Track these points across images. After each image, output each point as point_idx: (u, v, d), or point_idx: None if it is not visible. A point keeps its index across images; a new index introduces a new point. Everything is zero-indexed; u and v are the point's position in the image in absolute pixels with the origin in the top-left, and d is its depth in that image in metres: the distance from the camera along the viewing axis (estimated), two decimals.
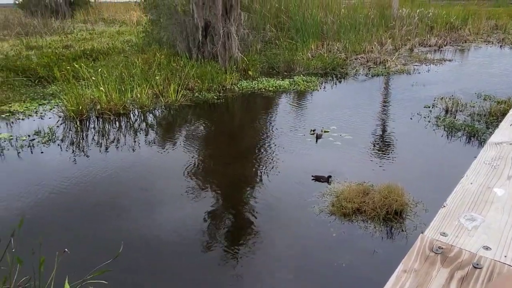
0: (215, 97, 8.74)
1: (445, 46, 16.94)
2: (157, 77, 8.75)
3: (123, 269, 3.19)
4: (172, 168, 5.23)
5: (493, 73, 10.89)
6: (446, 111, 7.38)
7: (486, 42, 18.29)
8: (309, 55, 13.09)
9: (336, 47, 14.70)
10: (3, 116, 7.53)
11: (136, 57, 11.02)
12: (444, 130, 6.40)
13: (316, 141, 5.90)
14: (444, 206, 0.94)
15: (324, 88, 9.58)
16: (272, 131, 6.61)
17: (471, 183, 1.03)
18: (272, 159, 5.42)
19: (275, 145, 5.93)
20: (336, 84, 10.29)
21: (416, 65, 12.26)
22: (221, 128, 7.15)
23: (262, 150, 5.80)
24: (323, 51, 14.29)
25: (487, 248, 0.77)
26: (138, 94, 8.14)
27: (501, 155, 1.16)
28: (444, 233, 0.79)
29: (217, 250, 3.52)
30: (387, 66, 11.97)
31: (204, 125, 7.14)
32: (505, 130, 1.37)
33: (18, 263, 2.13)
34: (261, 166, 5.27)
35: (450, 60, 13.23)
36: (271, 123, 7.07)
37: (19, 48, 14.42)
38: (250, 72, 10.60)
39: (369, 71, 11.44)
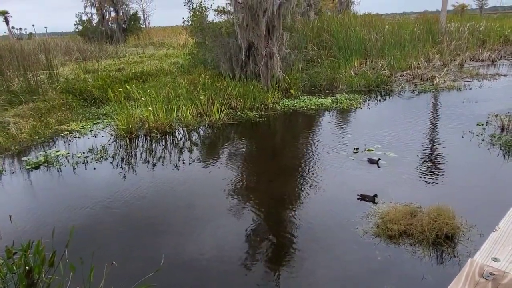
0: (257, 115, 8.86)
1: (499, 60, 16.03)
2: (201, 97, 9.06)
3: (165, 284, 3.26)
4: (215, 185, 5.32)
5: None
6: (502, 129, 6.92)
7: None
8: (352, 72, 12.94)
9: (380, 64, 14.42)
10: (62, 134, 8.13)
11: (182, 78, 11.50)
12: (500, 149, 5.99)
13: (378, 166, 5.60)
14: (496, 229, 0.86)
15: (368, 106, 9.38)
16: (314, 149, 6.55)
17: None
18: (313, 178, 5.35)
19: (316, 163, 5.86)
20: (380, 101, 10.05)
21: (467, 81, 11.68)
22: (262, 145, 7.21)
23: (303, 168, 5.75)
24: (366, 69, 14.07)
25: None
26: (183, 114, 8.45)
27: None
28: (496, 259, 0.73)
29: (258, 271, 3.51)
30: (435, 83, 11.51)
31: (245, 143, 7.24)
32: None
33: (71, 270, 2.24)
34: (302, 184, 5.22)
35: (505, 75, 12.48)
36: (312, 141, 7.02)
37: (78, 72, 15.62)
38: (292, 91, 10.67)
39: (416, 87, 11.07)
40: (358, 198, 4.68)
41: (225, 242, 3.96)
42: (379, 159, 5.72)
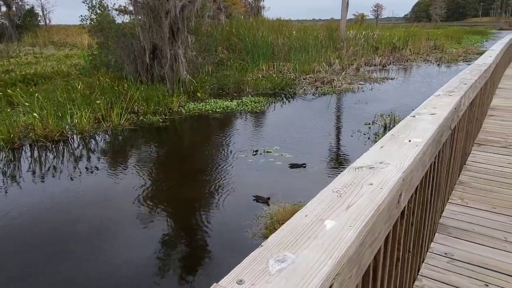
0: (160, 120, 8.57)
1: (388, 65, 17.93)
2: (97, 101, 8.46)
3: None
4: (109, 195, 4.98)
5: (432, 89, 11.62)
6: (385, 128, 7.70)
7: (425, 61, 19.59)
8: (260, 75, 13.32)
9: (287, 68, 15.10)
10: None
11: (80, 81, 10.64)
12: None
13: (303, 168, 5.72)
14: (261, 245, 0.80)
15: (271, 108, 9.72)
16: (215, 153, 6.54)
17: (306, 215, 0.92)
18: (210, 183, 5.33)
19: (215, 167, 5.86)
20: (283, 103, 10.48)
21: (361, 84, 12.82)
22: (163, 151, 6.99)
23: (203, 174, 5.70)
24: (273, 72, 14.62)
25: None
26: (78, 119, 7.81)
27: (355, 181, 1.10)
28: (241, 281, 0.66)
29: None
30: (333, 85, 12.41)
31: (145, 149, 6.94)
32: (374, 153, 1.35)
33: None
34: (198, 190, 5.15)
35: (392, 79, 13.98)
36: (214, 145, 7.01)
37: None
38: (198, 94, 10.57)
39: (317, 90, 11.80)
40: (253, 199, 4.76)
41: (126, 252, 3.70)
42: (304, 164, 5.69)
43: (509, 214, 2.61)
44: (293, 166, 5.68)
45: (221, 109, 9.38)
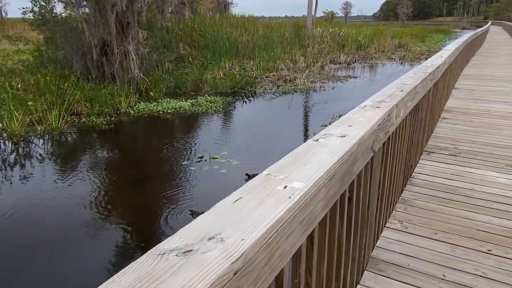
0: (104, 122, 7.89)
1: (353, 63, 17.85)
2: (29, 102, 7.65)
3: None
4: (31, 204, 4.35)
5: None
6: None
7: (389, 59, 19.69)
8: (221, 73, 12.80)
9: (250, 66, 14.66)
10: None
11: (19, 79, 9.72)
12: None
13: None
14: None
15: (227, 109, 9.23)
16: (154, 160, 5.99)
17: None
18: (140, 196, 4.79)
19: (152, 178, 5.31)
20: (241, 104, 10.03)
21: (323, 82, 12.56)
22: (93, 159, 6.25)
23: (134, 186, 5.14)
24: (236, 70, 14.13)
25: None
26: (7, 122, 7.02)
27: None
28: None
29: None
30: (295, 84, 12.07)
31: (77, 155, 6.29)
32: (204, 221, 0.85)
33: None
34: (126, 206, 4.60)
35: (355, 77, 13.83)
36: (156, 151, 6.43)
37: None
38: (151, 93, 9.92)
39: (278, 89, 11.41)
40: (190, 214, 4.28)
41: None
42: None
43: (451, 241, 2.26)
44: (249, 177, 5.06)
45: (173, 109, 8.79)
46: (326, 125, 7.57)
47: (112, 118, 8.16)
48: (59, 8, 13.36)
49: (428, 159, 3.59)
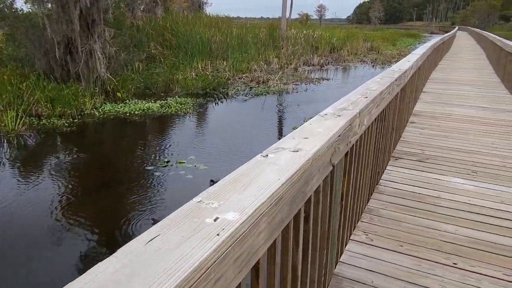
0: (66, 124, 7.48)
1: (326, 65, 17.97)
2: None
3: None
4: None
5: None
6: None
7: (362, 62, 19.98)
8: (193, 74, 12.53)
9: (223, 67, 14.46)
10: None
11: None
12: None
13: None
14: None
15: (198, 110, 8.99)
16: (117, 166, 5.70)
17: None
18: (110, 200, 4.52)
19: (113, 184, 5.03)
20: (212, 105, 9.82)
21: (296, 84, 12.52)
22: (50, 165, 5.85)
23: (101, 190, 4.86)
24: (209, 70, 13.90)
25: None
26: None
27: None
28: None
29: None
30: (268, 86, 11.97)
31: (38, 159, 5.90)
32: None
33: None
34: (86, 214, 4.32)
35: (328, 79, 13.89)
36: (120, 156, 6.14)
37: None
38: (119, 94, 9.54)
39: (250, 90, 11.27)
40: (152, 223, 4.06)
41: None
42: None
43: (417, 253, 2.18)
44: (214, 183, 4.89)
45: (141, 111, 8.46)
46: (296, 127, 7.49)
47: (75, 120, 7.76)
48: (20, 3, 12.71)
49: (396, 165, 3.53)
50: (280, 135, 7.13)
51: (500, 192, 2.98)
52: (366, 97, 2.14)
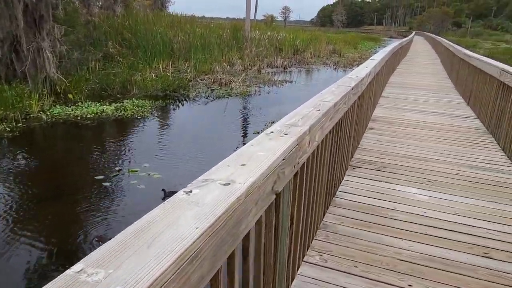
0: (8, 128, 6.88)
1: (290, 67, 18.03)
2: None
3: None
4: None
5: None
6: None
7: (324, 64, 20.25)
8: (153, 75, 12.07)
9: (185, 67, 14.08)
10: None
11: None
12: None
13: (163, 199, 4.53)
14: None
15: (156, 113, 8.61)
16: (63, 176, 5.26)
17: None
18: (52, 214, 4.13)
19: (57, 197, 4.63)
20: (172, 108, 9.47)
21: (259, 87, 12.41)
22: None
23: (43, 204, 4.44)
24: (171, 71, 13.48)
25: None
26: None
27: None
28: None
29: None
30: (231, 88, 11.76)
31: None
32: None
33: None
34: (33, 228, 3.92)
35: (291, 82, 13.89)
36: (67, 165, 5.69)
37: None
38: (70, 96, 8.97)
39: (212, 92, 11.01)
40: (96, 241, 3.74)
41: None
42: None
43: (372, 275, 2.06)
44: (166, 194, 4.50)
45: (94, 114, 7.97)
46: (258, 132, 7.34)
47: (20, 124, 7.16)
48: None
49: (354, 175, 3.45)
50: (242, 140, 6.95)
51: (454, 202, 2.97)
52: (319, 110, 2.00)
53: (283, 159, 1.37)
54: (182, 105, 9.79)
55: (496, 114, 4.74)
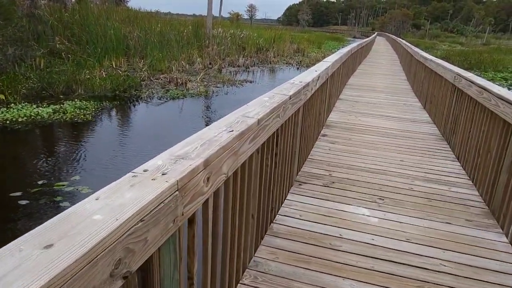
0: None
1: (252, 66, 17.61)
2: None
3: None
4: None
5: None
6: None
7: (287, 63, 20.00)
8: (103, 73, 11.23)
9: (141, 66, 13.29)
10: None
11: None
12: None
13: None
14: None
15: (100, 117, 7.89)
16: None
17: None
18: None
19: None
20: (120, 111, 8.77)
21: (218, 87, 11.89)
22: None
23: None
24: (124, 69, 12.65)
25: None
26: None
27: None
28: None
29: None
30: (187, 88, 11.16)
31: None
32: None
33: None
34: None
35: (251, 82, 13.47)
36: None
37: None
38: (2, 96, 8.05)
39: (167, 93, 10.37)
40: None
41: None
42: None
43: None
44: None
45: (26, 118, 7.13)
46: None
47: None
48: None
49: (299, 193, 3.05)
50: None
51: (405, 225, 2.64)
52: (231, 131, 1.55)
53: (141, 221, 0.91)
54: (132, 107, 9.10)
55: (451, 120, 4.53)
